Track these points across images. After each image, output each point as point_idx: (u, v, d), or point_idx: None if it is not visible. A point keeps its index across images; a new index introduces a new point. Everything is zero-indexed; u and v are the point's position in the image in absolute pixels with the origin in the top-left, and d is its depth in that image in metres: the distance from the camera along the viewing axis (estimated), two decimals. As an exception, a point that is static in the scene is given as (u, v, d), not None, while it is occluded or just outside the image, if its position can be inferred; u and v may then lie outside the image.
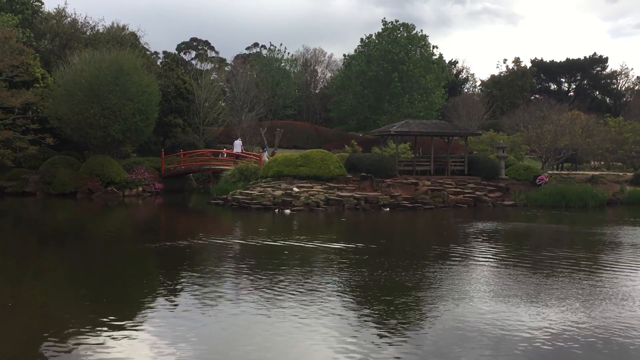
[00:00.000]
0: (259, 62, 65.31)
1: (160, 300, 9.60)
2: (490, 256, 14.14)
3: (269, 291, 9.98)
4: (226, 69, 65.85)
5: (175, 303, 9.36)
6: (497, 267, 12.61)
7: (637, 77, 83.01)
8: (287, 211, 23.89)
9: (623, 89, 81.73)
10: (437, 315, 8.82)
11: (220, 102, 48.35)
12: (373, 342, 7.44)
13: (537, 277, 11.37)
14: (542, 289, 10.34)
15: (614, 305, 9.22)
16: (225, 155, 37.71)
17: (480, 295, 9.84)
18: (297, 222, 21.18)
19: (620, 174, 33.95)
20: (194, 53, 73.82)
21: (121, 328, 7.94)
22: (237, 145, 37.71)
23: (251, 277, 11.21)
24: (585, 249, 15.79)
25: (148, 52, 52.22)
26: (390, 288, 10.48)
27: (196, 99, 44.03)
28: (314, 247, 14.83)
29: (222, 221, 22.85)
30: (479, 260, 13.41)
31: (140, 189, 33.64)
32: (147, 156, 38.48)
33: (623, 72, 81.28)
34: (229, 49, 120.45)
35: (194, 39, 75.59)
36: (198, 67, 65.09)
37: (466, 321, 8.34)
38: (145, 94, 34.28)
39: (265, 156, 33.71)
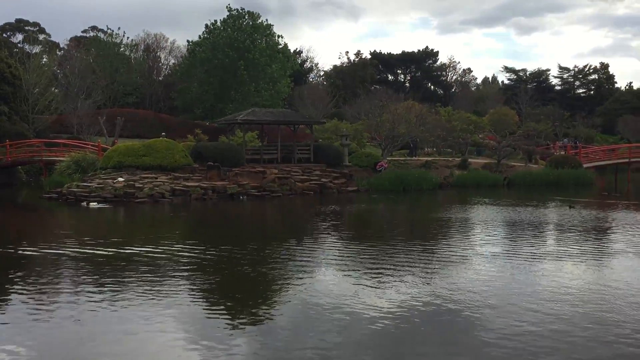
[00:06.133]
0: (96, 46, 61.34)
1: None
2: (336, 237, 14.64)
3: (103, 296, 9.44)
4: (59, 52, 60.96)
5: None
6: (344, 246, 13.07)
7: (463, 70, 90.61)
8: (94, 204, 22.57)
9: (451, 80, 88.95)
10: (287, 297, 8.92)
11: (52, 88, 44.73)
12: (225, 333, 7.33)
13: (381, 253, 11.95)
14: (385, 263, 10.87)
15: (452, 273, 9.96)
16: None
17: (330, 274, 10.12)
18: (123, 217, 20.34)
19: (450, 159, 36.90)
20: (20, 35, 67.27)
21: None
22: None
23: (70, 283, 10.52)
24: (422, 226, 16.96)
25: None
26: (238, 280, 10.41)
27: (24, 84, 40.30)
28: (145, 251, 14.27)
29: (47, 217, 21.22)
30: (326, 242, 13.80)
31: (-42, 184, 30.17)
32: (-33, 148, 34.54)
33: (451, 65, 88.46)
34: (62, 32, 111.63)
35: (21, 20, 68.88)
36: (26, 49, 59.49)
37: (318, 298, 8.52)
38: (-38, 78, 30.69)
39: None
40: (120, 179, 24.72)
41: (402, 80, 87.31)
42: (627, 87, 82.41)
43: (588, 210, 20.91)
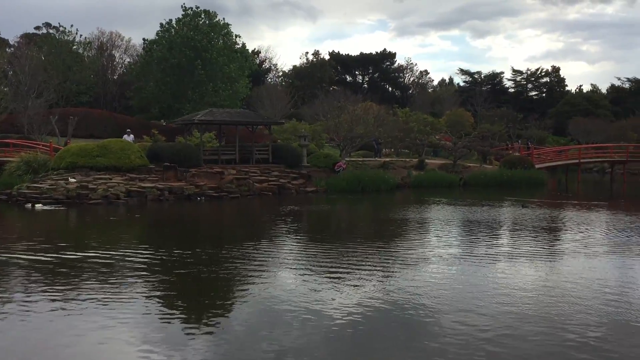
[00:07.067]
0: (48, 44, 59.60)
1: None
2: (294, 238, 14.59)
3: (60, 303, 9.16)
4: (8, 50, 59.00)
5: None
6: (302, 248, 13.03)
7: (420, 71, 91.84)
8: (39, 206, 21.83)
9: (409, 82, 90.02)
10: (243, 300, 8.83)
11: (1, 86, 43.21)
12: (180, 337, 7.20)
13: (338, 254, 11.96)
14: (343, 264, 10.89)
15: (408, 275, 10.04)
16: None
17: (287, 275, 10.07)
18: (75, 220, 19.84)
19: (407, 160, 37.31)
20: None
21: None
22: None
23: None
24: (379, 227, 17.07)
25: None
26: (194, 284, 10.26)
27: (-29, 82, 38.86)
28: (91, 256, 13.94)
29: None
30: (284, 243, 13.75)
31: None
32: None
33: (408, 67, 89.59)
34: (13, 29, 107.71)
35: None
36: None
37: (275, 300, 8.46)
38: None
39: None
40: (73, 180, 24.10)
41: (360, 81, 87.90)
42: (577, 90, 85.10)
43: (541, 209, 21.45)
